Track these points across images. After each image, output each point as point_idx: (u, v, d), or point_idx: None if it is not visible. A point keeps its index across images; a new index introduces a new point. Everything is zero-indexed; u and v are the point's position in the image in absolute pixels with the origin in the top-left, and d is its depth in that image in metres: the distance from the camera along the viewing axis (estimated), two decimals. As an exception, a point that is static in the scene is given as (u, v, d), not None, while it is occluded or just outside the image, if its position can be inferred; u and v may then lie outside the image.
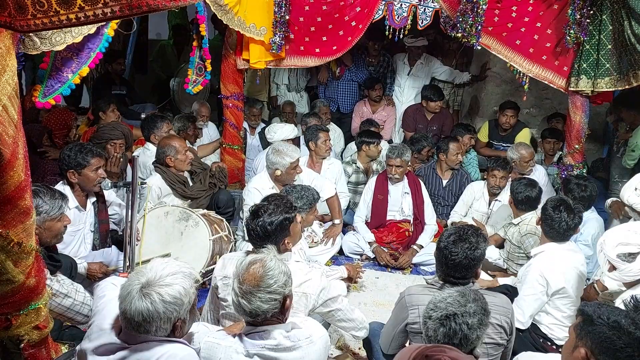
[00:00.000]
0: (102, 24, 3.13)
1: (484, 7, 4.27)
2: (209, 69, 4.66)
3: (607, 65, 4.27)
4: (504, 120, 5.77)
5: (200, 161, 4.72)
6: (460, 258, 2.49)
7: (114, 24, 3.27)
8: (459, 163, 5.17)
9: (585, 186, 4.10)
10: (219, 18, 4.40)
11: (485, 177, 5.12)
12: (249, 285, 2.05)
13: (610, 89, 4.35)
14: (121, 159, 4.37)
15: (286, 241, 2.72)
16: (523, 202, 4.08)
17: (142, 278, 1.89)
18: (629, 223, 3.35)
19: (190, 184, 4.39)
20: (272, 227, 2.64)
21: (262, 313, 2.05)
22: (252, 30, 4.68)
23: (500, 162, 4.75)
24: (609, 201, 4.35)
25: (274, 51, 4.82)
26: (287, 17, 4.74)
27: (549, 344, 3.22)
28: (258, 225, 2.66)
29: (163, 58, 7.52)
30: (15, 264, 2.02)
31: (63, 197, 2.86)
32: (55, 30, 2.75)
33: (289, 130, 5.08)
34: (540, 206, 3.51)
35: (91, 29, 3.04)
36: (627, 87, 4.24)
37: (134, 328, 1.87)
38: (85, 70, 3.25)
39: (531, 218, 4.00)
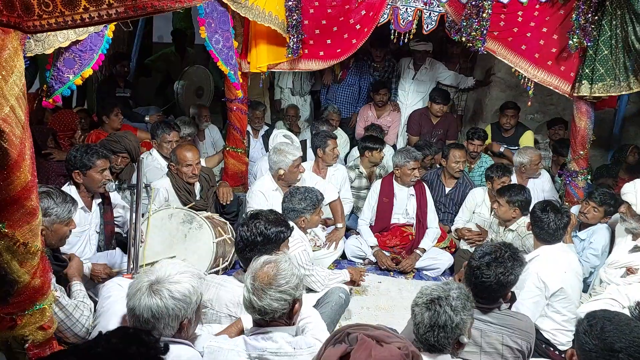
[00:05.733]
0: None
1: (489, 11, 4.26)
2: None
3: (602, 71, 4.26)
4: (504, 120, 5.76)
5: (211, 177, 4.68)
6: (490, 282, 2.41)
7: (112, 26, 3.26)
8: (460, 172, 5.08)
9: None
10: (234, 10, 4.22)
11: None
12: (261, 282, 2.09)
13: (603, 95, 4.31)
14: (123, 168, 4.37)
15: None
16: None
17: (151, 276, 1.91)
18: None
19: (197, 193, 4.40)
20: (268, 232, 2.64)
21: (271, 312, 2.07)
22: (273, 21, 4.51)
23: (501, 168, 4.74)
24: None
25: (290, 55, 4.78)
26: (300, 20, 4.70)
27: (552, 349, 3.21)
28: (255, 226, 2.64)
29: (167, 64, 7.56)
30: (20, 264, 2.02)
31: (74, 202, 2.89)
32: (50, 33, 2.76)
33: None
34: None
35: (97, 27, 3.05)
36: (624, 92, 4.23)
37: (142, 326, 1.87)
38: (88, 72, 3.22)
39: (525, 221, 4.00)
